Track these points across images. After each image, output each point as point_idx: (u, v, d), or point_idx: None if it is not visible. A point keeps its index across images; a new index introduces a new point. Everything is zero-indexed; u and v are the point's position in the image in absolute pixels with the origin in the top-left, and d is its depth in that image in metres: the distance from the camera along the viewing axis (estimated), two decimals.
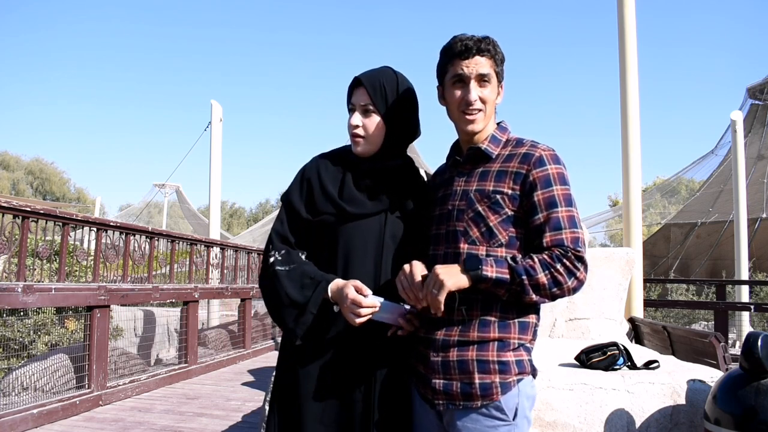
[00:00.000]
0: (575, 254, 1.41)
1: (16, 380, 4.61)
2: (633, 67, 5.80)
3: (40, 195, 38.20)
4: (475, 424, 1.44)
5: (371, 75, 1.65)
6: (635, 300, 5.59)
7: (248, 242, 17.48)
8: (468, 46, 1.49)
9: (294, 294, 1.54)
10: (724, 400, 1.87)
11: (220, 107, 10.37)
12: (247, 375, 6.49)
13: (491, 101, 1.54)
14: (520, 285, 1.39)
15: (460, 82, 1.52)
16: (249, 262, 8.52)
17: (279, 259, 1.60)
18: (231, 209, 47.54)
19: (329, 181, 1.64)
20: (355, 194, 1.62)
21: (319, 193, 1.63)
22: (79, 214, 5.68)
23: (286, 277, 1.57)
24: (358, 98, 1.64)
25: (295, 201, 1.65)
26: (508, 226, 1.47)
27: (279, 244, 1.63)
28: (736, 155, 11.51)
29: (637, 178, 5.88)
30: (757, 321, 11.78)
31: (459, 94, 1.52)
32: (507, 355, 1.45)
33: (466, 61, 1.50)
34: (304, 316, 1.53)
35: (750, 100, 21.28)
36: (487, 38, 1.52)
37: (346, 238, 1.60)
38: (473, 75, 1.50)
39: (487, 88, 1.52)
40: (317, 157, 1.72)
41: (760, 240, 16.80)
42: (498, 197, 1.48)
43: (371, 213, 1.61)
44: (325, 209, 1.61)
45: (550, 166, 1.48)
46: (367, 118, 1.63)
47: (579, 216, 1.49)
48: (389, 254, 1.60)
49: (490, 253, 1.47)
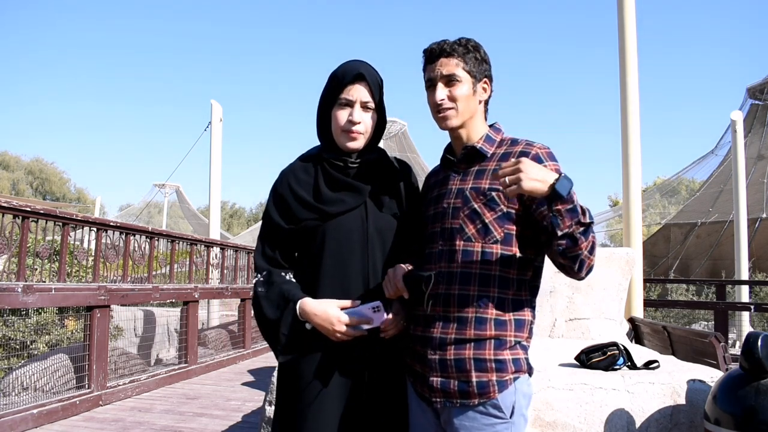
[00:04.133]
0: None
1: (16, 380, 4.61)
2: (633, 67, 5.80)
3: (40, 195, 38.19)
4: (472, 422, 1.45)
5: (370, 70, 1.64)
6: (635, 300, 5.59)
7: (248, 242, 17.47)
8: (432, 51, 1.57)
9: (269, 314, 1.60)
10: (724, 400, 1.87)
11: (220, 107, 10.37)
12: (247, 375, 6.49)
13: (463, 98, 1.55)
14: (586, 227, 1.33)
15: (431, 86, 1.57)
16: (249, 262, 8.51)
17: (261, 281, 1.65)
18: (231, 209, 47.56)
19: (302, 189, 1.64)
20: (330, 195, 1.63)
21: (294, 202, 1.63)
22: (79, 214, 5.68)
23: (265, 298, 1.62)
24: (358, 93, 1.62)
25: (274, 216, 1.66)
26: (504, 223, 1.49)
27: (261, 265, 1.67)
28: (736, 155, 11.51)
29: (637, 178, 5.88)
30: (757, 321, 11.78)
31: (430, 97, 1.58)
32: (504, 354, 1.46)
33: (432, 65, 1.57)
34: (279, 336, 1.59)
35: (750, 100, 21.28)
36: (458, 40, 1.57)
37: (330, 238, 1.61)
38: (438, 77, 1.55)
39: (456, 86, 1.55)
40: (284, 170, 1.71)
41: (760, 240, 16.81)
42: (494, 194, 1.49)
43: (351, 208, 1.62)
44: (304, 216, 1.62)
45: (547, 163, 1.50)
46: (366, 114, 1.63)
47: None
48: (375, 247, 1.61)
49: (486, 250, 1.48)
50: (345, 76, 1.62)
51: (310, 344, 1.58)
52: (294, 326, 1.57)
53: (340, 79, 1.62)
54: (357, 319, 1.52)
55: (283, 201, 1.65)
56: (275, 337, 1.60)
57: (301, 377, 1.59)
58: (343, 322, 1.52)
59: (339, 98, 1.62)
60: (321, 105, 1.68)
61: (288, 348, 1.61)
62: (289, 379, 1.62)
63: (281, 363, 1.66)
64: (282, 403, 1.64)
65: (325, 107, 1.67)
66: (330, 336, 1.54)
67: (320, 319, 1.53)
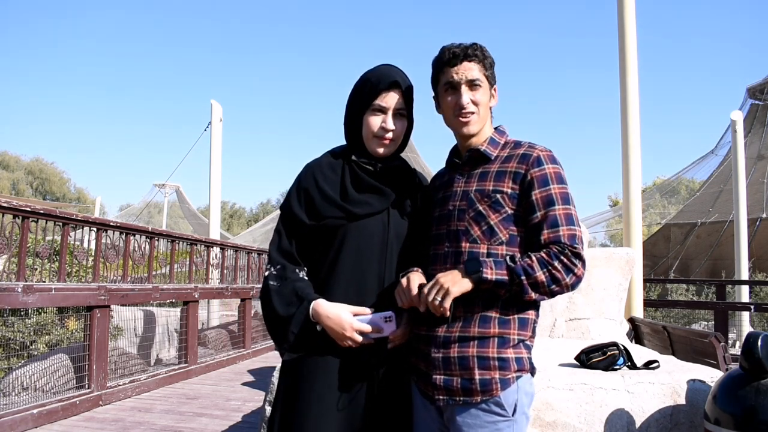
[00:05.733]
0: (572, 251, 1.44)
1: (16, 380, 4.61)
2: (633, 67, 5.80)
3: (40, 195, 38.20)
4: (474, 420, 1.46)
5: (403, 77, 1.64)
6: (635, 300, 5.59)
7: (248, 242, 17.48)
8: (456, 53, 1.56)
9: (280, 310, 1.58)
10: (724, 400, 1.87)
11: (220, 107, 10.37)
12: (247, 375, 6.49)
13: (484, 104, 1.58)
14: (519, 285, 1.43)
15: (452, 89, 1.58)
16: (249, 262, 8.52)
17: (273, 274, 1.63)
18: (231, 209, 47.56)
19: (328, 186, 1.63)
20: (357, 196, 1.62)
21: (320, 199, 1.62)
22: (79, 214, 5.68)
23: (276, 292, 1.60)
24: (393, 101, 1.61)
25: (296, 209, 1.64)
26: (509, 225, 1.51)
27: (276, 259, 1.64)
28: (736, 155, 11.51)
29: (637, 178, 5.89)
30: (757, 321, 11.77)
31: (452, 99, 1.58)
32: (507, 352, 1.47)
33: (455, 68, 1.56)
34: (288, 334, 1.57)
35: (750, 100, 21.29)
36: (474, 44, 1.58)
37: (351, 239, 1.60)
38: (463, 80, 1.56)
39: (479, 91, 1.57)
40: (310, 164, 1.70)
41: (760, 240, 16.81)
42: (498, 196, 1.51)
43: (375, 212, 1.62)
44: (329, 214, 1.61)
45: (548, 165, 1.52)
46: (399, 121, 1.63)
47: (577, 214, 1.52)
48: (393, 253, 1.62)
49: (491, 252, 1.49)
50: (380, 82, 1.61)
51: (317, 345, 1.57)
52: (304, 326, 1.56)
53: (375, 85, 1.61)
54: (369, 328, 1.53)
55: (308, 195, 1.63)
56: (283, 334, 1.58)
57: (304, 376, 1.58)
58: (355, 328, 1.52)
59: (373, 104, 1.61)
60: (351, 107, 1.67)
61: (295, 347, 1.59)
62: (292, 378, 1.62)
63: (285, 361, 1.65)
64: (283, 401, 1.63)
65: (355, 110, 1.65)
66: (339, 340, 1.54)
67: (332, 323, 1.53)
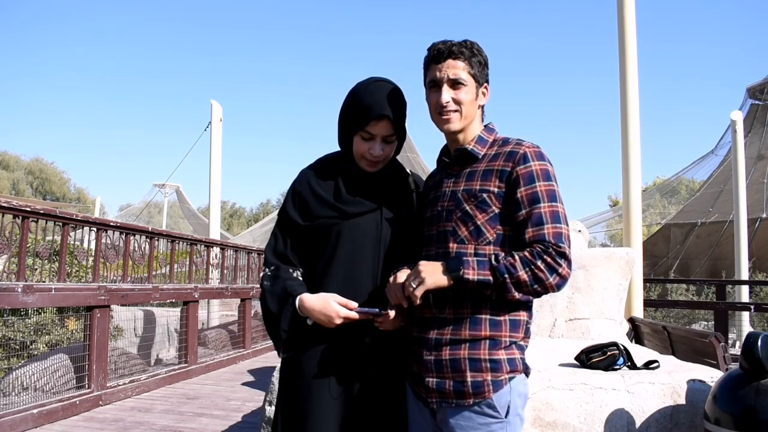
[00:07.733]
0: (556, 250, 1.42)
1: (16, 380, 4.61)
2: (633, 67, 5.80)
3: (40, 195, 38.18)
4: (467, 422, 1.46)
5: (395, 105, 1.62)
6: (635, 300, 5.59)
7: (248, 242, 17.48)
8: (440, 51, 1.55)
9: (272, 308, 1.62)
10: (724, 400, 1.87)
11: (220, 107, 10.37)
12: (247, 375, 6.49)
13: (467, 102, 1.56)
14: (503, 284, 1.42)
15: (435, 86, 1.57)
16: (249, 262, 8.52)
17: (268, 275, 1.67)
18: (231, 209, 47.55)
19: (322, 189, 1.67)
20: (349, 197, 1.65)
21: (313, 200, 1.66)
22: (79, 214, 5.68)
23: (270, 292, 1.64)
24: (382, 129, 1.62)
25: (291, 212, 1.69)
26: (496, 224, 1.50)
27: (271, 260, 1.69)
28: (736, 155, 11.51)
29: (637, 178, 5.88)
30: (757, 321, 11.76)
31: (433, 97, 1.57)
32: (498, 354, 1.47)
33: (439, 65, 1.55)
34: (279, 331, 1.61)
35: (750, 100, 21.27)
36: (464, 42, 1.56)
37: (344, 237, 1.63)
38: (445, 78, 1.54)
39: (462, 90, 1.55)
40: (305, 169, 1.75)
41: (760, 240, 16.80)
42: (485, 196, 1.50)
43: (368, 210, 1.65)
44: (322, 214, 1.65)
45: (534, 162, 1.50)
46: (388, 146, 1.66)
47: (565, 212, 1.49)
48: (386, 251, 1.64)
49: (479, 252, 1.48)
50: (371, 110, 1.60)
51: (311, 341, 1.59)
52: (294, 322, 1.59)
53: (365, 111, 1.61)
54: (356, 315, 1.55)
55: (302, 198, 1.68)
56: (276, 332, 1.63)
57: (302, 374, 1.60)
58: (342, 316, 1.54)
59: (362, 130, 1.62)
60: (341, 122, 1.69)
61: (289, 344, 1.63)
62: (290, 376, 1.64)
63: (283, 359, 1.67)
64: (283, 400, 1.65)
65: (345, 128, 1.67)
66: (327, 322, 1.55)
67: (318, 313, 1.55)
